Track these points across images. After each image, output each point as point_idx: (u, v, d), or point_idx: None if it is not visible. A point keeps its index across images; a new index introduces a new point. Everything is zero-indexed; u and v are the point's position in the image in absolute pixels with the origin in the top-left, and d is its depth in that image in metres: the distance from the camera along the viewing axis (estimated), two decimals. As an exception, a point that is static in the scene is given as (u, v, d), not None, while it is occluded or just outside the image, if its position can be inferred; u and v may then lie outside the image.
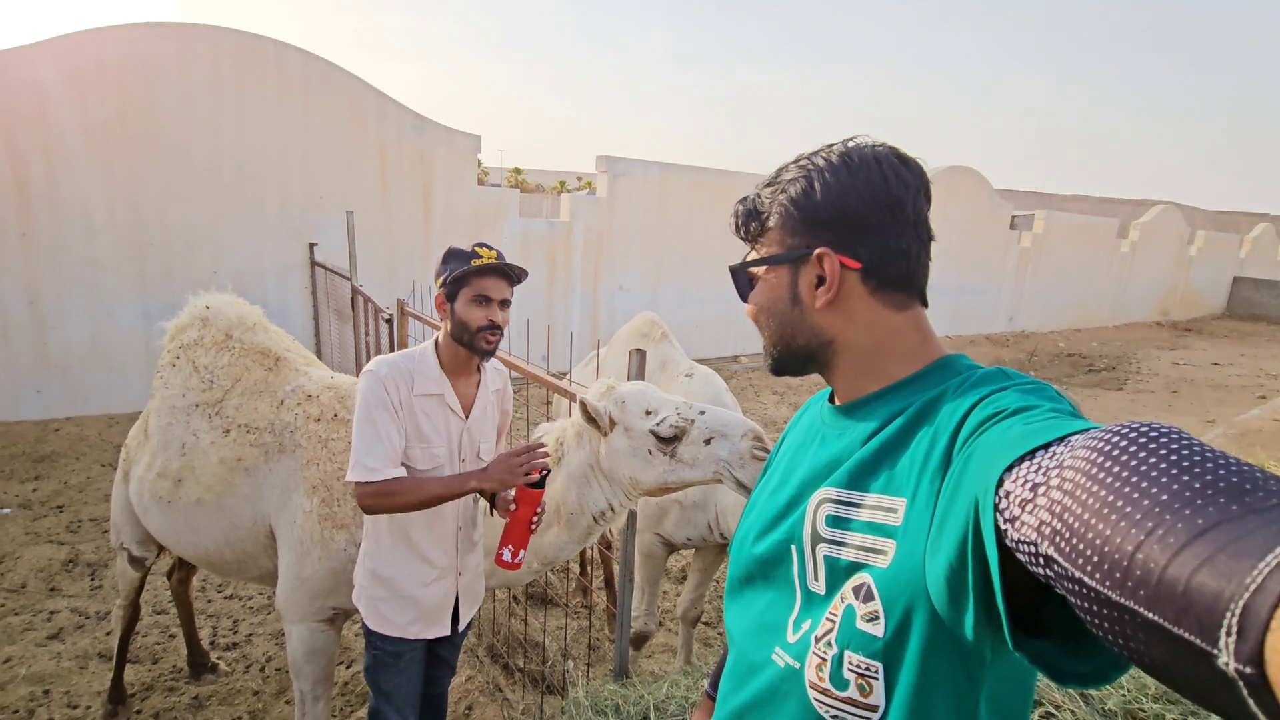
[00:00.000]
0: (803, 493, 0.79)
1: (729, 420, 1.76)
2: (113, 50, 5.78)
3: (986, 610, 0.54)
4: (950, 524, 0.58)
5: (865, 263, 0.76)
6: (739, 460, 1.72)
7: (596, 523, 1.93)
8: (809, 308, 0.79)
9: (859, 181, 0.75)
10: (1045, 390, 0.66)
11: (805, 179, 0.78)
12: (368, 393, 1.65)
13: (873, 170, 0.75)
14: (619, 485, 1.88)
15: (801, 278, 0.79)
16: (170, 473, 2.15)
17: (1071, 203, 35.17)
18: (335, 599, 1.98)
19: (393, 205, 7.41)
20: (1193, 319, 18.56)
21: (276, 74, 6.51)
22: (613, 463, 1.84)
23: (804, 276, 0.78)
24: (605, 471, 1.87)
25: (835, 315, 0.78)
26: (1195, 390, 10.21)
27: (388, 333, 3.86)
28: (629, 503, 1.93)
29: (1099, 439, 0.46)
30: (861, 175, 0.75)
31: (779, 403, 8.10)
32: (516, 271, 1.72)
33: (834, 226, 0.76)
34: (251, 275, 6.65)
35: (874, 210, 0.75)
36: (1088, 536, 0.42)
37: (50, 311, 5.94)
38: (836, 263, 0.76)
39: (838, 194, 0.75)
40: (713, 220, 9.81)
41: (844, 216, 0.75)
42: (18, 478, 4.91)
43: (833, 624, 0.70)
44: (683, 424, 1.75)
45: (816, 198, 0.76)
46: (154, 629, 3.29)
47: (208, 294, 2.31)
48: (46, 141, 5.68)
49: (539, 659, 3.06)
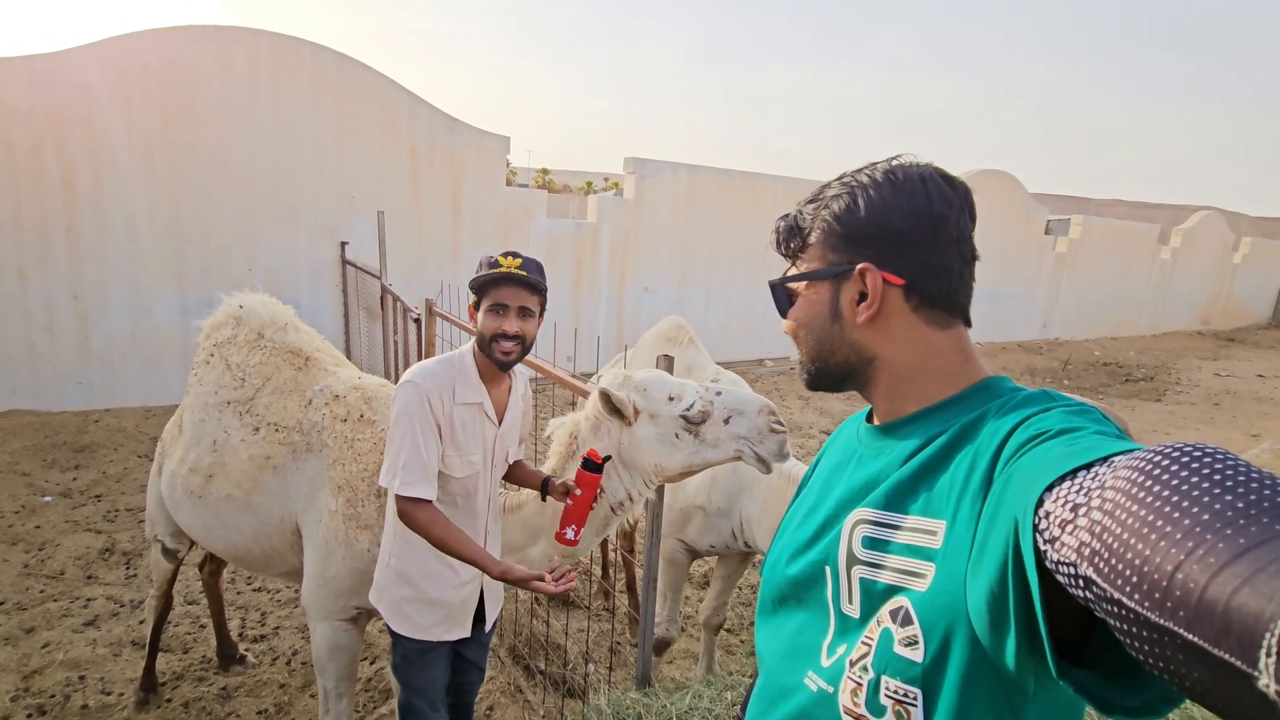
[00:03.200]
0: (838, 514, 0.77)
1: (745, 398, 1.84)
2: (155, 53, 5.94)
3: (1029, 637, 0.53)
4: (991, 546, 0.57)
5: (907, 279, 0.75)
6: (758, 436, 1.80)
7: (615, 513, 1.94)
8: (849, 324, 0.78)
9: (902, 198, 0.75)
10: (1090, 412, 0.64)
11: (849, 195, 0.77)
12: (409, 404, 1.65)
13: (916, 187, 0.75)
14: (640, 473, 1.89)
15: (843, 293, 0.78)
16: (202, 468, 2.19)
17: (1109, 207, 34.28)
18: (359, 598, 1.99)
19: (423, 205, 7.50)
20: (1236, 329, 17.93)
21: (312, 76, 6.64)
22: (636, 451, 1.85)
23: (845, 292, 0.78)
24: (626, 461, 1.88)
25: (876, 332, 0.77)
26: (1238, 403, 9.86)
27: (416, 332, 3.89)
28: (647, 491, 1.95)
29: (1141, 459, 0.46)
30: (905, 192, 0.75)
31: (804, 407, 8.02)
32: (534, 281, 1.68)
33: (877, 242, 0.76)
34: (284, 273, 6.79)
35: (917, 227, 0.74)
36: (1127, 557, 0.42)
37: (93, 306, 6.12)
38: (879, 278, 0.75)
39: (881, 210, 0.75)
40: (739, 222, 9.75)
41: (887, 232, 0.75)
42: (59, 466, 5.07)
43: (869, 648, 0.68)
44: (707, 405, 1.81)
45: (860, 213, 0.76)
46: (185, 619, 3.37)
47: (242, 293, 2.36)
48: (92, 143, 5.86)
49: (560, 661, 3.06)
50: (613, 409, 1.83)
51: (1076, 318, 14.45)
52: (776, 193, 10.00)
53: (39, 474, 4.91)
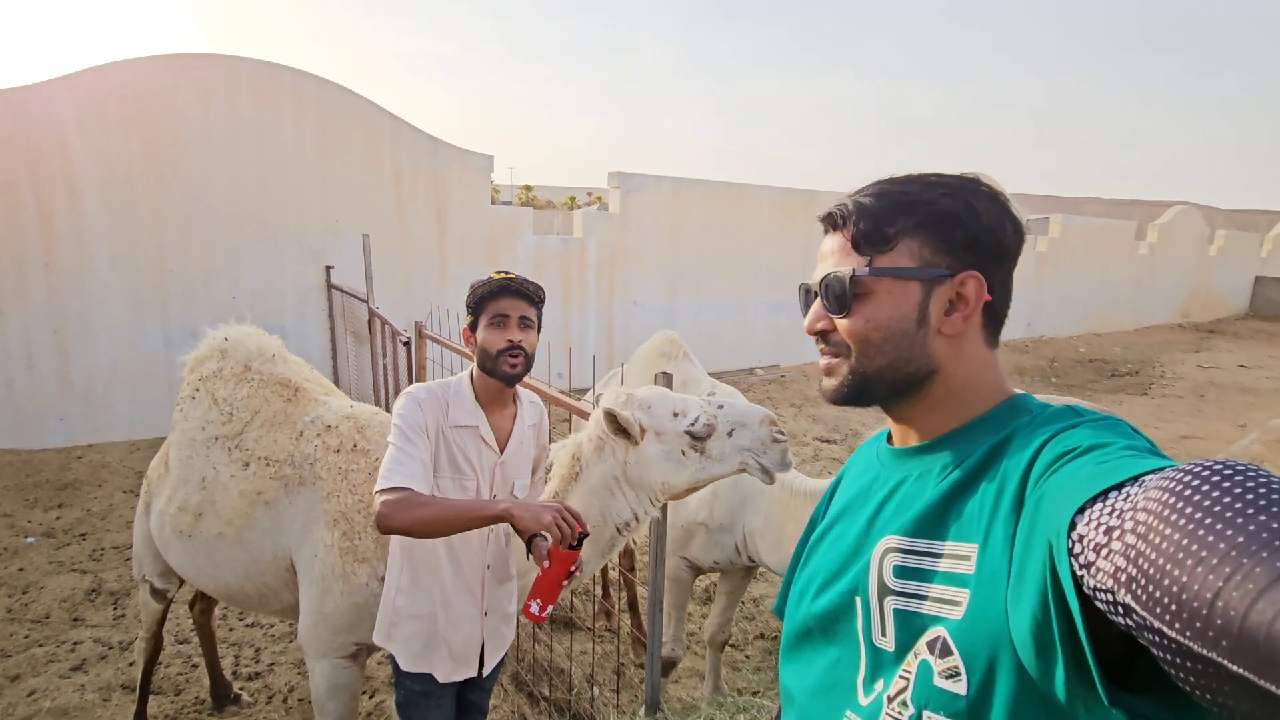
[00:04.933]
0: (865, 543, 0.75)
1: (747, 410, 1.84)
2: (133, 83, 5.88)
3: (1077, 665, 0.51)
4: (1029, 572, 0.55)
5: (995, 296, 0.75)
6: (761, 447, 1.79)
7: (620, 534, 1.90)
8: (933, 332, 0.74)
9: (1007, 217, 0.74)
10: (1119, 426, 0.62)
11: (963, 199, 0.73)
12: (404, 412, 1.63)
13: (1009, 207, 0.75)
14: (646, 492, 1.85)
15: (935, 298, 0.73)
16: (190, 506, 2.14)
17: (1084, 205, 34.83)
18: (358, 634, 1.94)
19: (408, 227, 7.46)
20: (1216, 320, 18.21)
21: (293, 101, 6.60)
22: (643, 470, 1.81)
23: (938, 297, 0.73)
24: (633, 480, 1.84)
25: (950, 345, 0.75)
26: (1223, 394, 9.98)
27: (405, 355, 3.85)
28: (653, 510, 1.91)
29: (1171, 478, 0.44)
30: (1008, 211, 0.75)
31: (797, 415, 8.02)
32: (531, 288, 1.68)
33: (988, 252, 0.74)
34: (270, 300, 6.71)
35: (1016, 245, 0.75)
36: (1164, 584, 0.41)
37: (73, 340, 6.01)
38: (984, 289, 0.74)
39: (998, 222, 0.74)
40: (726, 233, 9.79)
41: (998, 245, 0.74)
42: (41, 506, 4.94)
43: (907, 682, 0.66)
44: (711, 420, 1.79)
45: (980, 219, 0.73)
46: (176, 659, 3.27)
47: (227, 325, 2.31)
48: (70, 175, 5.78)
49: (565, 687, 3.00)
50: (618, 429, 1.78)
51: (1060, 315, 14.62)
52: (762, 202, 10.06)
53: (21, 514, 4.79)
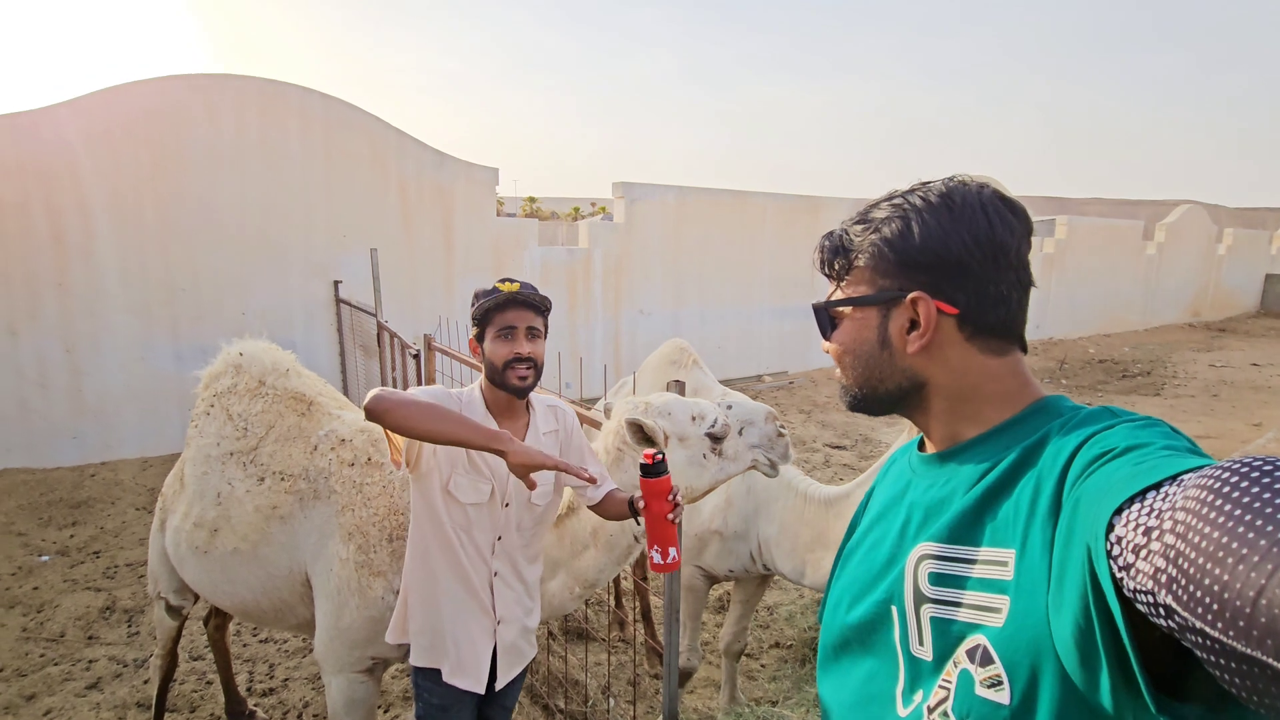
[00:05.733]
0: (899, 550, 0.74)
1: (753, 407, 1.95)
2: (142, 105, 5.96)
3: (1123, 671, 0.50)
4: (1069, 576, 0.54)
5: (962, 308, 0.72)
6: (769, 443, 1.88)
7: (638, 541, 1.90)
8: (899, 351, 0.75)
9: (961, 225, 0.71)
10: (1157, 426, 0.61)
11: (902, 219, 0.74)
12: (438, 390, 1.64)
13: (976, 214, 0.72)
14: None
15: (892, 320, 0.75)
16: (206, 522, 2.14)
17: (1089, 206, 34.68)
18: (374, 648, 1.93)
19: (414, 240, 7.50)
20: (1226, 319, 18.08)
21: (299, 118, 6.67)
22: None
23: (895, 319, 0.75)
24: None
25: (928, 360, 0.74)
26: (1236, 393, 9.89)
27: (415, 368, 3.86)
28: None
29: (1210, 476, 0.44)
30: (964, 218, 0.72)
31: (806, 421, 7.98)
32: (538, 299, 1.65)
33: (931, 270, 0.72)
34: (279, 315, 6.75)
35: (976, 255, 0.71)
36: (1205, 583, 0.40)
37: (85, 359, 6.06)
38: (933, 308, 0.72)
39: (938, 237, 0.72)
40: (731, 240, 9.81)
41: (943, 260, 0.72)
42: (55, 524, 4.96)
43: (947, 691, 0.65)
44: (726, 420, 1.86)
45: (914, 239, 0.72)
46: (191, 676, 3.27)
47: (241, 340, 2.32)
48: (81, 196, 5.85)
49: (580, 699, 2.98)
50: (643, 438, 1.78)
51: (1068, 317, 14.55)
52: (766, 209, 10.08)
53: (35, 533, 4.81)
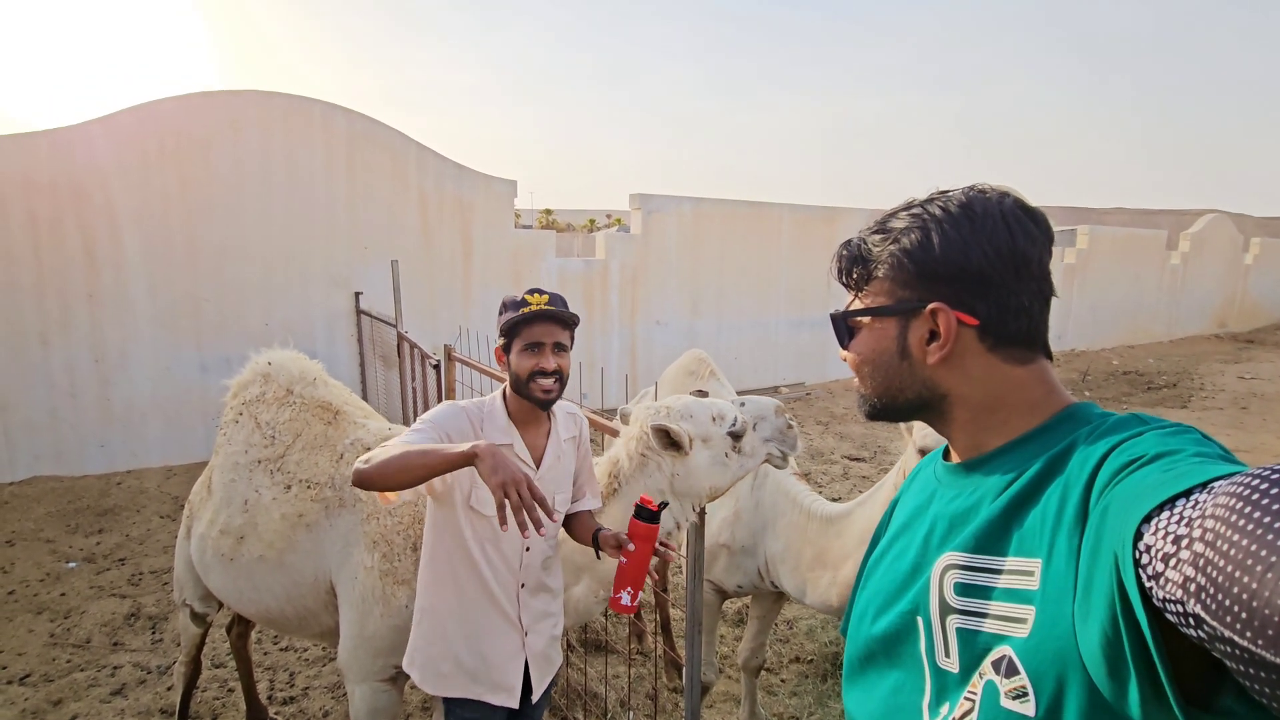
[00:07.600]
0: (924, 560, 0.73)
1: (761, 402, 1.99)
2: (170, 121, 6.11)
3: (1151, 682, 0.49)
4: (1096, 586, 0.53)
5: (983, 319, 0.72)
6: (780, 436, 1.92)
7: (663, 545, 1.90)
8: (919, 362, 0.75)
9: (982, 236, 0.71)
10: (1188, 433, 0.60)
11: (921, 229, 0.73)
12: (437, 412, 1.64)
13: (997, 224, 0.71)
14: (692, 499, 1.90)
15: (912, 331, 0.75)
16: (233, 530, 2.17)
17: (1111, 215, 34.24)
18: (397, 657, 1.93)
19: (434, 251, 7.59)
20: (1254, 330, 17.69)
21: (322, 133, 6.80)
22: (691, 480, 1.86)
23: (914, 330, 0.74)
24: (679, 490, 1.87)
25: (949, 371, 0.74)
26: (1267, 405, 9.66)
27: (435, 378, 3.89)
28: (693, 515, 1.95)
29: (1240, 483, 0.43)
30: (985, 229, 0.71)
31: (824, 433, 7.92)
32: (566, 315, 1.67)
33: (951, 281, 0.72)
34: (300, 326, 6.85)
35: (997, 266, 0.71)
36: (1234, 591, 0.40)
37: (114, 368, 6.18)
38: (953, 319, 0.72)
39: (958, 248, 0.71)
40: (747, 251, 9.81)
41: (963, 272, 0.71)
42: (82, 531, 5.05)
43: (973, 704, 0.64)
44: (744, 417, 1.90)
45: (934, 250, 0.72)
46: (212, 683, 3.30)
47: (270, 350, 2.35)
48: (112, 211, 6.00)
49: (599, 712, 2.96)
50: (669, 442, 1.82)
51: (1091, 327, 14.33)
52: (783, 220, 10.07)
53: (63, 540, 4.90)
